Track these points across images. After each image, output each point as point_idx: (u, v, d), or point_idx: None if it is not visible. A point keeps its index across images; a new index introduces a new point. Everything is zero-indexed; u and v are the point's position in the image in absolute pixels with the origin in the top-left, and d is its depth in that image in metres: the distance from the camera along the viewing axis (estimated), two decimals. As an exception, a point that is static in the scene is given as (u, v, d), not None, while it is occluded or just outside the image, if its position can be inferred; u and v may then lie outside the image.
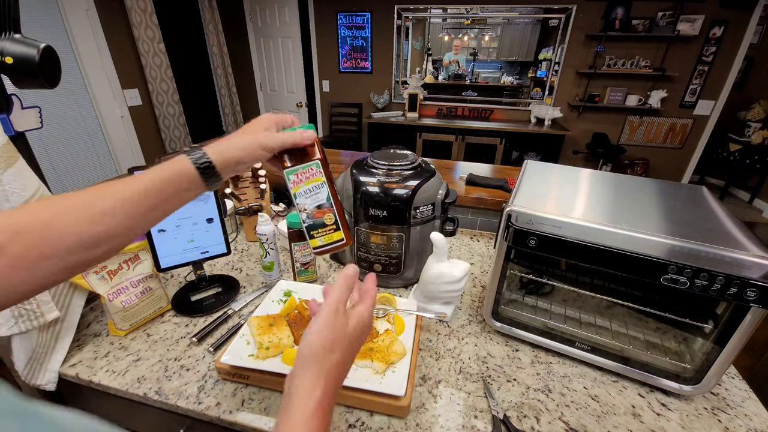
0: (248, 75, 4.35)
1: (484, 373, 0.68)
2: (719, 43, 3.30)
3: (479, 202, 1.18)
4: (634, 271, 0.56)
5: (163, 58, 3.00)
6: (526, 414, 0.60)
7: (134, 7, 2.72)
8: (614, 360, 0.66)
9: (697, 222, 0.60)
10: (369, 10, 3.92)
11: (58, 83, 0.69)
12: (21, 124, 0.72)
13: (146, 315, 0.77)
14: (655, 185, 0.76)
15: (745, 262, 0.49)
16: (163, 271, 0.80)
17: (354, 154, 1.71)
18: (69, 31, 2.40)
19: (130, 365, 0.68)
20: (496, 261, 0.68)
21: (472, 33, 4.03)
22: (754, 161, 3.74)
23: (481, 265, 1.02)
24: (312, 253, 0.53)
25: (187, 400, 0.61)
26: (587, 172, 0.82)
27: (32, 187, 0.61)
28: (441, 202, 0.83)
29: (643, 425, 0.59)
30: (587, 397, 0.64)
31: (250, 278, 0.94)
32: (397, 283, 0.91)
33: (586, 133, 3.93)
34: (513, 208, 0.62)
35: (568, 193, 0.71)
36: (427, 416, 0.59)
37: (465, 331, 0.78)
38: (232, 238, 1.12)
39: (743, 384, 0.67)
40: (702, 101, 3.54)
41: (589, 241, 0.58)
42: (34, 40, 0.64)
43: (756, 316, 0.52)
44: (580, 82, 3.75)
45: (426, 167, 0.86)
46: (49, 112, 2.32)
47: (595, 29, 3.46)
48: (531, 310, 0.76)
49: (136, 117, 2.89)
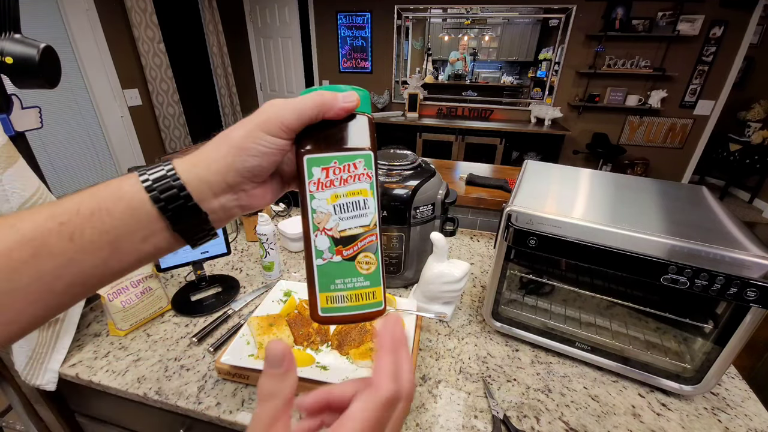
0: (248, 75, 4.35)
1: (484, 373, 0.68)
2: (719, 43, 3.30)
3: (479, 202, 1.18)
4: (634, 271, 0.56)
5: (163, 58, 3.00)
6: (526, 414, 0.60)
7: (134, 7, 2.72)
8: (614, 360, 0.66)
9: (697, 222, 0.60)
10: (369, 10, 3.92)
11: (58, 83, 0.69)
12: (21, 124, 0.72)
13: (146, 315, 0.77)
14: (655, 185, 0.75)
15: (745, 262, 0.49)
16: (163, 271, 0.80)
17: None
18: (69, 31, 2.40)
19: (130, 365, 0.68)
20: (496, 261, 0.68)
21: (472, 33, 4.03)
22: (754, 161, 3.74)
23: (481, 265, 1.02)
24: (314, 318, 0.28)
25: (187, 400, 0.61)
26: (587, 172, 0.82)
27: (32, 187, 0.61)
28: (441, 202, 0.83)
29: (643, 425, 0.59)
30: (587, 397, 0.64)
31: (250, 278, 0.94)
32: (397, 283, 0.91)
33: (586, 133, 3.93)
34: (513, 208, 0.62)
35: (568, 193, 0.71)
36: (427, 416, 0.59)
37: (465, 331, 0.78)
38: (232, 238, 1.12)
39: (743, 384, 0.67)
40: (702, 101, 3.54)
41: (589, 241, 0.58)
42: (34, 40, 0.64)
43: (756, 316, 0.52)
44: (580, 82, 3.75)
45: (426, 167, 0.86)
46: (49, 112, 2.32)
47: (595, 29, 3.47)
48: (531, 310, 0.76)
49: (136, 117, 2.89)
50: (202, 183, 0.24)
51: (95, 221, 0.22)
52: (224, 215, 0.26)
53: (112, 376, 0.65)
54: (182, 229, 0.25)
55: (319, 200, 0.27)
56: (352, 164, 0.27)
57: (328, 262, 0.27)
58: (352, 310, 0.27)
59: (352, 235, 0.27)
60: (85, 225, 0.22)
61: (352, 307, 0.27)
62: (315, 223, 0.27)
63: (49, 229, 0.21)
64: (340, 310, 0.27)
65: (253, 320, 0.68)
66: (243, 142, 0.25)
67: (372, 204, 0.27)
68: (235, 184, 0.25)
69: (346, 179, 0.27)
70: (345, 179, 0.27)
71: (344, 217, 0.27)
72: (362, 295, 0.27)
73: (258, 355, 0.63)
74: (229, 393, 0.62)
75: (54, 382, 0.66)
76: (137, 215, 0.23)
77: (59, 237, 0.21)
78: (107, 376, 0.65)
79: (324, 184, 0.26)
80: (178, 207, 0.24)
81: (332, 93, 0.26)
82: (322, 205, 0.27)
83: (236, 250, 1.07)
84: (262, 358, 0.62)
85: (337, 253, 0.27)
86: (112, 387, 0.64)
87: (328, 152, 0.26)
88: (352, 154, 0.27)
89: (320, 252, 0.27)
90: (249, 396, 0.62)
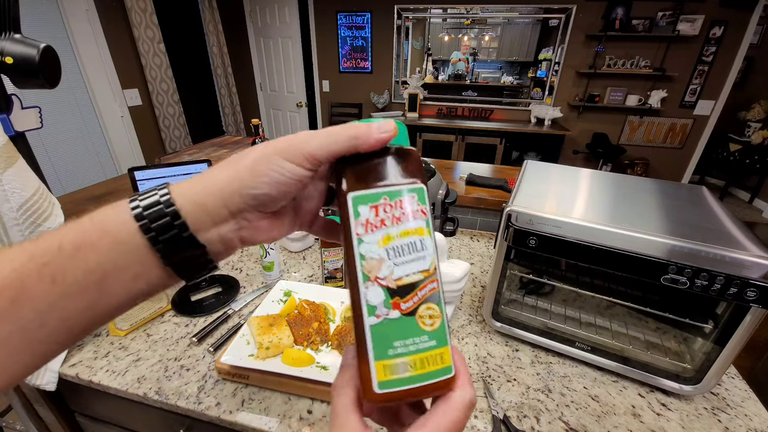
0: (248, 75, 4.35)
1: (484, 373, 0.68)
2: (719, 43, 3.30)
3: (479, 202, 1.18)
4: (634, 271, 0.56)
5: (163, 58, 3.00)
6: (526, 414, 0.60)
7: (134, 7, 2.72)
8: (614, 360, 0.66)
9: (697, 222, 0.60)
10: (369, 10, 3.92)
11: (58, 83, 0.69)
12: (21, 124, 0.72)
13: (146, 315, 0.77)
14: (655, 185, 0.75)
15: (745, 262, 0.49)
16: (163, 271, 0.80)
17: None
18: (69, 31, 2.40)
19: (130, 365, 0.68)
20: (496, 261, 0.68)
21: (472, 33, 4.03)
22: (754, 161, 3.74)
23: (481, 265, 1.02)
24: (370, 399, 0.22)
25: (187, 400, 0.61)
26: (587, 172, 0.82)
27: (32, 187, 0.61)
28: (441, 202, 0.83)
29: (643, 425, 0.59)
30: (587, 397, 0.64)
31: (250, 278, 0.94)
32: (397, 283, 0.91)
33: (586, 133, 3.93)
34: (513, 208, 0.62)
35: (568, 193, 0.71)
36: (427, 416, 0.59)
37: (465, 331, 0.78)
38: (232, 238, 1.12)
39: (743, 384, 0.67)
40: (702, 101, 3.54)
41: (589, 241, 0.58)
42: (34, 40, 0.64)
43: (756, 316, 0.52)
44: (580, 82, 3.75)
45: (426, 167, 0.86)
46: (49, 112, 2.32)
47: (595, 29, 3.47)
48: (531, 310, 0.76)
49: (136, 117, 2.89)
50: (198, 209, 0.21)
51: (79, 259, 0.19)
52: (223, 248, 0.23)
53: (112, 376, 0.65)
54: (176, 263, 0.22)
55: (369, 244, 0.22)
56: (404, 200, 0.23)
57: (384, 320, 0.22)
58: (417, 381, 0.22)
59: (411, 283, 0.22)
60: (68, 264, 0.19)
61: (417, 377, 0.22)
62: (365, 272, 0.22)
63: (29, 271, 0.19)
64: (402, 383, 0.21)
65: (253, 320, 0.68)
66: (255, 165, 0.22)
67: (430, 244, 0.23)
68: (237, 212, 0.22)
69: (399, 217, 0.23)
70: (398, 217, 0.23)
71: (399, 262, 0.22)
72: (428, 359, 0.22)
73: (258, 355, 0.63)
74: (229, 393, 0.62)
75: (54, 382, 0.66)
76: (126, 249, 0.20)
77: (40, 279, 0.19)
78: (107, 376, 0.65)
79: (374, 225, 0.22)
80: (171, 238, 0.21)
81: (366, 123, 0.24)
82: (373, 249, 0.22)
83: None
84: (262, 358, 0.62)
85: (394, 306, 0.22)
86: (112, 387, 0.64)
87: (377, 188, 0.23)
88: (403, 188, 0.23)
89: (373, 308, 0.22)
90: (249, 396, 0.62)
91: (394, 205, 0.23)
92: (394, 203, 0.23)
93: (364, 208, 0.22)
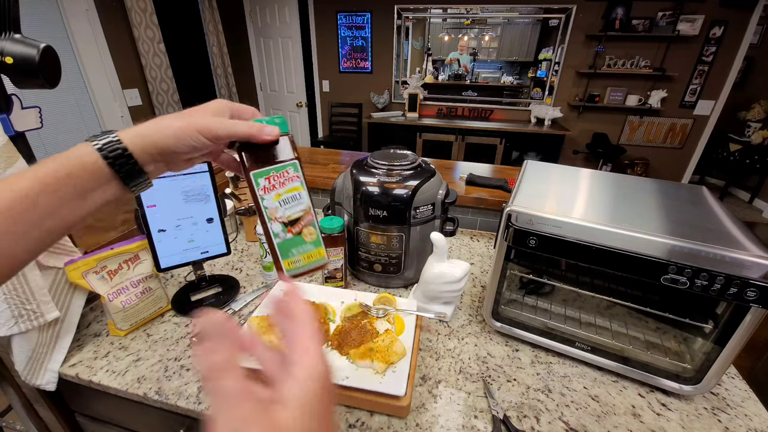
0: (248, 75, 4.35)
1: (484, 373, 0.68)
2: (719, 43, 3.30)
3: (479, 202, 1.18)
4: (634, 271, 0.56)
5: (163, 58, 3.00)
6: (526, 414, 0.60)
7: (134, 7, 2.72)
8: (614, 360, 0.66)
9: (697, 222, 0.60)
10: (369, 10, 3.93)
11: (58, 83, 0.69)
12: (21, 124, 0.72)
13: (146, 315, 0.77)
14: (655, 185, 0.76)
15: (745, 262, 0.49)
16: (163, 271, 0.80)
17: (354, 154, 1.71)
18: (69, 31, 2.40)
19: (130, 365, 0.68)
20: (496, 261, 0.68)
21: (472, 33, 4.03)
22: (754, 161, 3.75)
23: (481, 265, 1.02)
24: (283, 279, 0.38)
25: (187, 400, 0.61)
26: (587, 172, 0.82)
27: (32, 187, 0.61)
28: (441, 202, 0.83)
29: (643, 425, 0.59)
30: (587, 397, 0.64)
31: (250, 278, 0.94)
32: (397, 283, 0.91)
33: (586, 133, 3.93)
34: (513, 208, 0.62)
35: (568, 193, 0.71)
36: (427, 416, 0.59)
37: (465, 331, 0.78)
38: (232, 238, 1.12)
39: (743, 384, 0.67)
40: (702, 101, 3.54)
41: (589, 241, 0.58)
42: (34, 40, 0.64)
43: (756, 316, 0.52)
44: (580, 82, 3.75)
45: (426, 167, 0.86)
46: (49, 112, 2.32)
47: (595, 29, 3.47)
48: (531, 310, 0.76)
49: (136, 117, 2.89)
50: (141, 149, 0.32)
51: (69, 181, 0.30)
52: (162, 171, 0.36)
53: (112, 376, 0.65)
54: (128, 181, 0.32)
55: (268, 200, 0.37)
56: (285, 171, 0.37)
57: (284, 239, 0.37)
58: (307, 266, 0.39)
59: (296, 218, 0.38)
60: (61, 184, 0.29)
61: (306, 264, 0.39)
62: (269, 216, 0.37)
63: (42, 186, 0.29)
64: (299, 269, 0.38)
65: (254, 320, 0.68)
66: (181, 133, 0.33)
67: (305, 195, 0.38)
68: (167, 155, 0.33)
69: (283, 182, 0.37)
70: (282, 182, 0.37)
71: (287, 207, 0.38)
72: (311, 255, 0.39)
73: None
74: (229, 393, 0.62)
75: (54, 382, 0.66)
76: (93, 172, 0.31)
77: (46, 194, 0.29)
78: (107, 376, 0.65)
79: (268, 188, 0.37)
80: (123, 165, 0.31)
81: (259, 125, 0.36)
82: (271, 202, 0.37)
83: (236, 250, 1.07)
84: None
85: (288, 231, 0.38)
86: (112, 387, 0.64)
87: (266, 166, 0.37)
88: (283, 165, 0.37)
89: (276, 234, 0.37)
90: (249, 396, 0.62)
91: (279, 175, 0.37)
92: (279, 174, 0.37)
93: (261, 179, 0.36)
